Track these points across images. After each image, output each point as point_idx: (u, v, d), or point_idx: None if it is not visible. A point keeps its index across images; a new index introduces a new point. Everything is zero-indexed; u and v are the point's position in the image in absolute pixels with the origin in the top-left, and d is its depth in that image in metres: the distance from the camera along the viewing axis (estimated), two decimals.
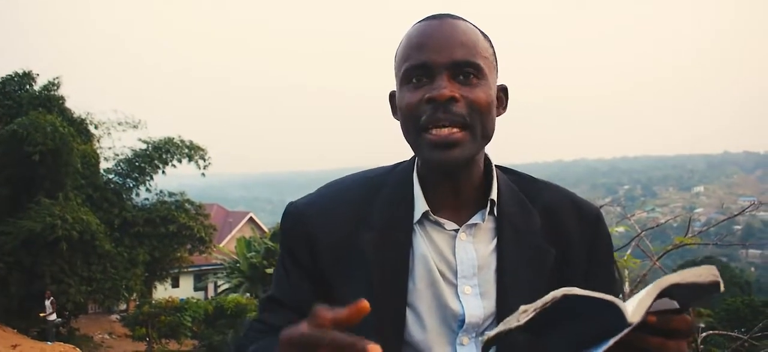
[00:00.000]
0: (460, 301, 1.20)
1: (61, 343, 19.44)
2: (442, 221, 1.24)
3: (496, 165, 1.32)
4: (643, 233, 4.66)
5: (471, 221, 1.25)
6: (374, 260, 1.20)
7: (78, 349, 19.12)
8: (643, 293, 0.91)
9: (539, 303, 0.89)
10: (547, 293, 1.21)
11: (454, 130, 1.15)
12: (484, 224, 1.25)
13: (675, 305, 0.95)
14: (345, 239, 1.24)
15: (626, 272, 4.53)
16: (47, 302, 19.72)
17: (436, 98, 1.14)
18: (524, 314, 0.89)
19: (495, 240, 1.25)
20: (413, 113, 1.17)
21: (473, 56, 1.18)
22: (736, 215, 5.40)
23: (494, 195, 1.26)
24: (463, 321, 1.19)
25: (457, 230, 1.24)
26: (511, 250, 1.23)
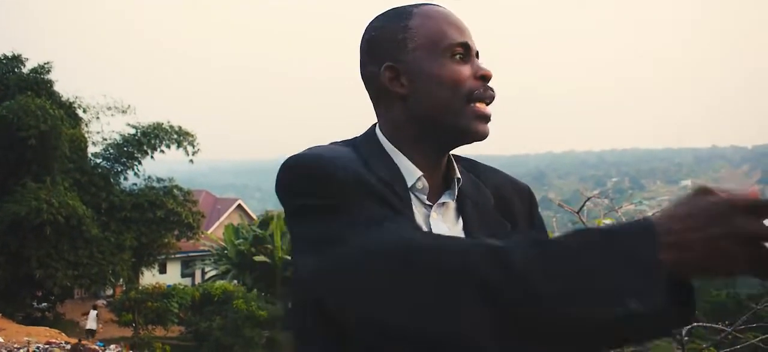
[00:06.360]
0: None
1: (47, 328, 19.39)
2: (424, 193, 1.26)
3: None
4: None
5: (441, 200, 1.28)
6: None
7: (63, 334, 19.06)
8: None
9: None
10: None
11: (490, 108, 1.26)
12: (450, 202, 1.29)
13: None
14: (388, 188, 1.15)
15: None
16: (93, 313, 21.73)
17: (487, 76, 1.24)
18: None
19: (460, 219, 1.29)
20: (464, 85, 1.23)
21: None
22: None
23: (458, 174, 1.30)
24: None
25: (429, 206, 1.26)
26: (475, 226, 1.28)
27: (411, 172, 1.24)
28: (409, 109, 1.26)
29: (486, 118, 1.24)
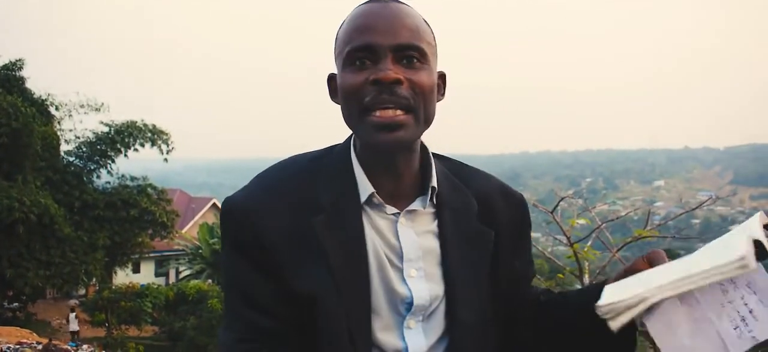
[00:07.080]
0: (406, 284, 1.20)
1: (18, 328, 19.14)
2: (384, 204, 1.23)
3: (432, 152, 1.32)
4: (604, 225, 4.71)
5: (411, 207, 1.25)
6: (329, 242, 1.17)
7: (35, 334, 18.82)
8: None
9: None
10: (489, 272, 1.27)
11: (399, 112, 1.15)
12: (422, 209, 1.26)
13: None
14: (295, 226, 1.18)
15: (586, 263, 4.58)
16: (72, 315, 21.68)
17: (381, 80, 1.13)
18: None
19: (435, 224, 1.26)
20: (356, 95, 1.16)
21: (417, 40, 1.18)
22: (694, 209, 5.47)
23: (435, 182, 1.26)
24: (410, 305, 1.20)
25: (396, 215, 1.24)
26: (452, 234, 1.25)
27: (365, 189, 1.22)
28: None
29: (386, 126, 1.15)
